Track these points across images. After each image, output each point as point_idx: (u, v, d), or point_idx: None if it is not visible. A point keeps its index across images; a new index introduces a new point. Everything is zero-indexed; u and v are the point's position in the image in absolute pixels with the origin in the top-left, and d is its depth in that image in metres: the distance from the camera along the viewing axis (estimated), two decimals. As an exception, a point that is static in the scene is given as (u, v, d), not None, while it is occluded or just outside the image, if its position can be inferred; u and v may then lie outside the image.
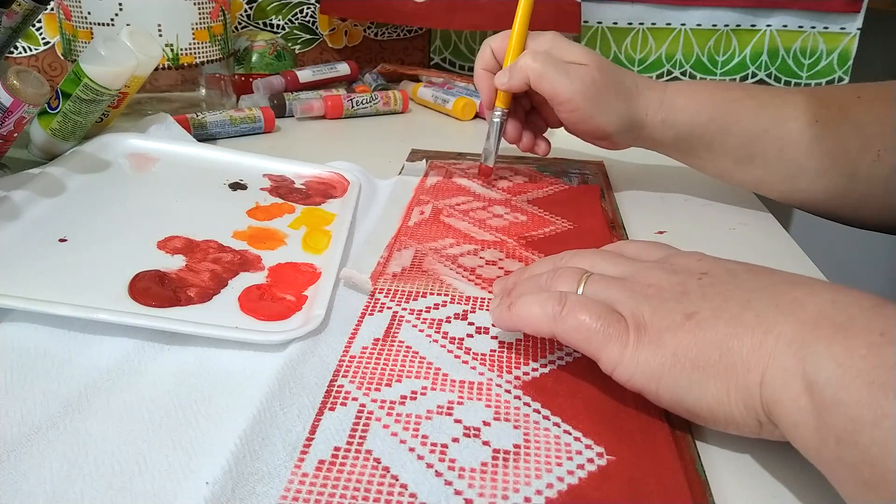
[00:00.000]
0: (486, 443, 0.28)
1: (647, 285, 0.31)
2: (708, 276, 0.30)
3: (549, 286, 0.33)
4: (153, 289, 0.37)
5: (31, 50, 0.87)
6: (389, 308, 0.37)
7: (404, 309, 0.37)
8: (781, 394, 0.25)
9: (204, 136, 0.65)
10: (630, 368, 0.28)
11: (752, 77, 0.95)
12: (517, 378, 0.32)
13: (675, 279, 0.30)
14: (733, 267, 0.31)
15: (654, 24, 0.92)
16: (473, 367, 0.33)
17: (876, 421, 0.22)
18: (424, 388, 0.31)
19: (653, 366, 0.28)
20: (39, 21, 0.86)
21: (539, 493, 0.26)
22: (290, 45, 0.88)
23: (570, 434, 0.29)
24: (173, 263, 0.40)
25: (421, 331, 0.35)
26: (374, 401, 0.30)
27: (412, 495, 0.25)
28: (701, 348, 0.27)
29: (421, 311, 0.37)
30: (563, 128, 0.55)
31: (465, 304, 0.38)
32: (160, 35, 0.67)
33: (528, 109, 0.57)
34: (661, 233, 0.50)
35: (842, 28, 0.92)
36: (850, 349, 0.24)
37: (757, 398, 0.26)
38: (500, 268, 0.42)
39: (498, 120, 0.54)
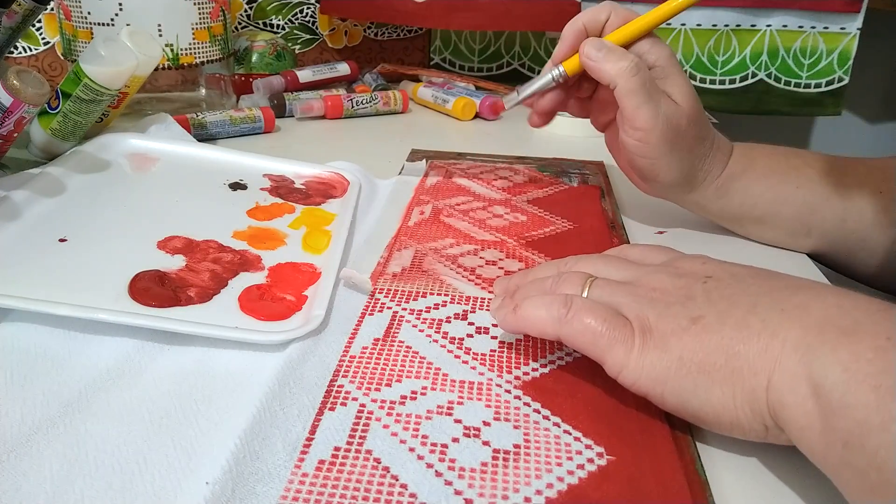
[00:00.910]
0: (486, 443, 0.28)
1: (651, 289, 0.31)
2: (713, 280, 0.30)
3: (553, 290, 0.33)
4: (153, 289, 0.37)
5: (31, 50, 0.88)
6: (389, 308, 0.37)
7: (404, 309, 0.37)
8: (788, 398, 0.25)
9: (204, 136, 0.65)
10: (635, 372, 0.28)
11: (752, 77, 0.95)
12: (517, 378, 0.32)
13: (680, 283, 0.30)
14: (738, 270, 0.31)
15: (654, 24, 0.92)
16: (473, 367, 0.33)
17: (883, 425, 0.22)
18: (424, 388, 0.31)
19: (658, 369, 0.28)
20: (39, 21, 0.87)
21: (539, 493, 0.26)
22: (290, 45, 0.88)
23: (570, 434, 0.29)
24: (173, 263, 0.40)
25: (421, 331, 0.35)
26: (374, 401, 0.30)
27: (412, 495, 0.25)
28: (707, 352, 0.27)
29: (421, 311, 0.37)
30: (603, 136, 0.50)
31: (465, 304, 0.38)
32: (160, 35, 0.67)
33: (589, 95, 0.50)
34: (660, 233, 0.50)
35: (842, 28, 0.92)
36: (855, 353, 0.24)
37: (763, 402, 0.26)
38: (500, 268, 0.42)
39: (551, 77, 0.47)
